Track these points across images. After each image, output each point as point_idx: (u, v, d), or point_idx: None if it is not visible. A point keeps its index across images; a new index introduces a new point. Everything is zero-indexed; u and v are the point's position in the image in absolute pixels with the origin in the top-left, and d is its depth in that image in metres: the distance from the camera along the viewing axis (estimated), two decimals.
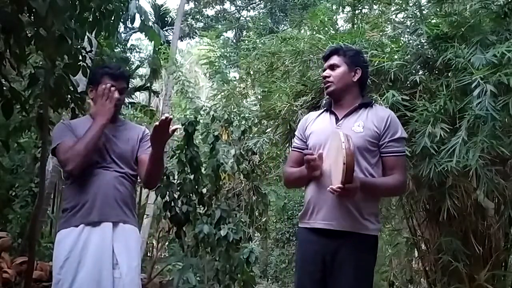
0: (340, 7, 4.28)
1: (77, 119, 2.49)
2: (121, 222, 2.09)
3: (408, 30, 3.08)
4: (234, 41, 12.05)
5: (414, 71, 2.93)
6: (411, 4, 3.14)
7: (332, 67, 2.10)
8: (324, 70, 2.14)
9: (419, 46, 2.91)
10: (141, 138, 2.25)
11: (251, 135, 4.97)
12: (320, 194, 1.98)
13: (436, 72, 2.91)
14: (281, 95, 3.44)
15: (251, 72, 4.27)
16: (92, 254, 1.99)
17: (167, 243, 6.71)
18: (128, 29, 13.57)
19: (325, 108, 2.18)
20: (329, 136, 1.99)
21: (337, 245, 1.93)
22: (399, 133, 2.02)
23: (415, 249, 3.64)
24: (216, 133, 4.87)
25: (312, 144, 2.07)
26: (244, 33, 11.28)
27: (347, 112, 2.05)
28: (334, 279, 1.93)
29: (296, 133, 2.25)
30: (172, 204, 4.51)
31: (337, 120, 2.06)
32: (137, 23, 12.20)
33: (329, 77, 2.09)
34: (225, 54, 9.93)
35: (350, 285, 1.91)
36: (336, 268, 1.93)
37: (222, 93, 5.35)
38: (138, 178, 2.28)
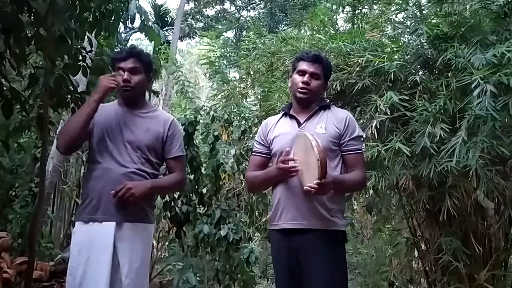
0: (340, 7, 4.28)
1: (108, 103, 2.39)
2: (127, 221, 2.04)
3: (408, 30, 3.08)
4: (234, 41, 12.03)
5: (414, 71, 2.93)
6: (411, 4, 3.14)
7: (314, 75, 2.11)
8: (304, 73, 2.10)
9: (419, 46, 2.91)
10: (167, 134, 2.17)
11: (251, 135, 4.98)
12: (288, 195, 2.03)
13: (436, 72, 2.91)
14: (281, 95, 3.44)
15: (251, 72, 4.27)
16: (94, 254, 1.99)
17: (167, 243, 6.70)
18: (128, 29, 13.56)
19: (283, 112, 2.20)
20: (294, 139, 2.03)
21: (309, 242, 1.98)
22: (357, 132, 2.11)
23: (415, 249, 3.64)
24: (216, 133, 4.87)
25: (277, 149, 2.10)
26: (244, 33, 11.26)
27: (308, 116, 2.11)
28: (309, 274, 1.97)
29: (256, 138, 2.26)
30: (172, 204, 4.50)
31: (299, 124, 2.11)
32: (137, 23, 12.22)
33: (309, 84, 2.09)
34: (225, 54, 9.90)
35: (326, 278, 1.95)
36: (309, 264, 1.97)
37: (222, 93, 5.35)
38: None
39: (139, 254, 2.06)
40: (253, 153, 2.25)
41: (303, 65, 2.13)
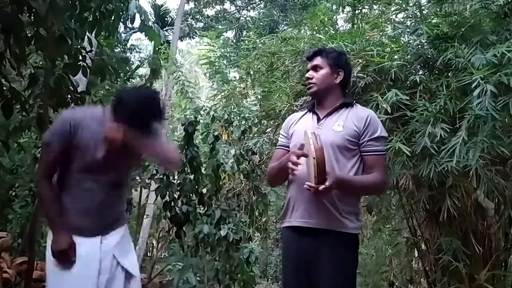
0: (340, 7, 4.28)
1: (90, 113, 2.06)
2: (111, 230, 2.01)
3: (408, 30, 3.08)
4: (234, 41, 12.03)
5: (414, 71, 2.93)
6: (411, 4, 3.14)
7: (315, 68, 2.12)
8: (307, 71, 2.16)
9: (419, 46, 2.91)
10: None
11: (251, 135, 4.98)
12: (298, 192, 2.00)
13: (436, 72, 2.91)
14: (281, 95, 3.44)
15: (251, 72, 4.27)
16: (78, 264, 1.90)
17: (167, 243, 6.71)
18: (128, 29, 13.55)
19: (308, 109, 2.20)
20: None
21: (318, 243, 1.95)
22: (378, 132, 2.03)
23: (415, 249, 3.64)
24: (216, 133, 4.88)
25: (293, 144, 2.09)
26: (244, 33, 11.26)
27: (328, 112, 2.08)
28: (316, 277, 1.95)
29: (280, 132, 2.27)
30: (172, 204, 4.52)
31: (318, 120, 2.09)
32: (137, 23, 12.20)
33: (312, 78, 2.11)
34: (225, 54, 9.90)
35: (332, 283, 1.92)
36: (318, 266, 1.94)
37: (222, 93, 5.35)
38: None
39: (132, 252, 2.09)
40: (276, 147, 2.25)
41: (307, 65, 2.18)
